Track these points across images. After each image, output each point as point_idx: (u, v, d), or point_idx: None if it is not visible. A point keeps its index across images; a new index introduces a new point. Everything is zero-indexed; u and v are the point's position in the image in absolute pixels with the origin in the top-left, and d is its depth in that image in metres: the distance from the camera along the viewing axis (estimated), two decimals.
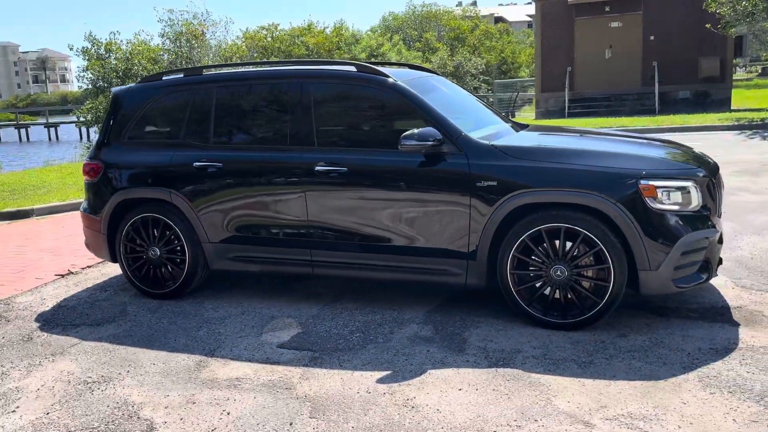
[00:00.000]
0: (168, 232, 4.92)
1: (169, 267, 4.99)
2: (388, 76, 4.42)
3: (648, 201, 3.80)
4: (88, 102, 25.25)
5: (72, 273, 5.96)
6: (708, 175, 4.05)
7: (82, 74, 25.38)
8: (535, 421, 3.02)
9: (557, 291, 4.02)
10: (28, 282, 5.73)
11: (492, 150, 4.12)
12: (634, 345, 3.78)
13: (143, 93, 5.13)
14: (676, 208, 3.86)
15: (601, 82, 21.18)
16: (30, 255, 6.72)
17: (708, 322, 4.05)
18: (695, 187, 3.90)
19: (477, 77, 41.26)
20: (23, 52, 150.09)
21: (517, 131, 4.94)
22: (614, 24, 21.12)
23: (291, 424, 3.11)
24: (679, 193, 3.88)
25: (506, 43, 46.26)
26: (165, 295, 5.02)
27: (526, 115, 25.06)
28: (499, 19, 71.85)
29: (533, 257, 4.03)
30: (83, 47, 24.95)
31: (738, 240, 5.78)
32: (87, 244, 5.40)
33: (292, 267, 4.67)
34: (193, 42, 26.42)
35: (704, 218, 3.95)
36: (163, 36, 26.73)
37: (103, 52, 25.25)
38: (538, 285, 4.06)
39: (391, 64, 5.78)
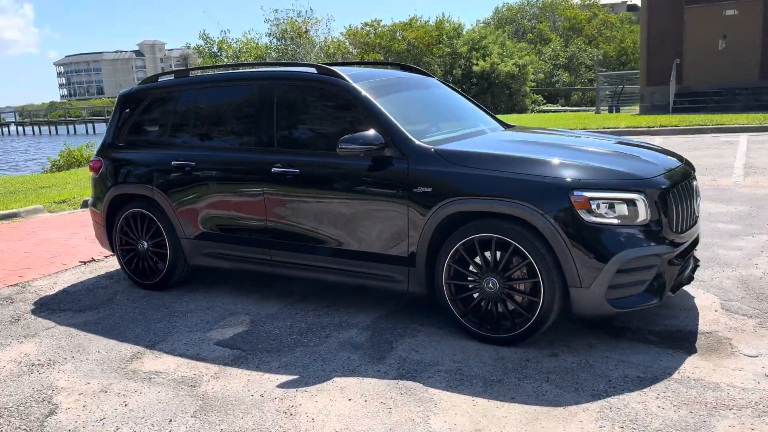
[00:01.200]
0: (153, 227, 5.20)
1: (154, 260, 5.27)
2: (343, 78, 4.39)
3: (580, 213, 3.53)
4: None
5: (94, 260, 6.45)
6: (667, 186, 3.69)
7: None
8: None
9: (490, 303, 3.84)
10: (54, 267, 6.26)
11: (432, 155, 3.99)
12: (559, 366, 3.54)
13: (141, 94, 5.44)
14: (615, 222, 3.56)
15: (712, 75, 19.57)
16: (74, 241, 7.32)
17: (659, 347, 3.70)
18: (642, 200, 3.57)
19: (592, 68, 39.50)
20: (168, 50, 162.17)
21: (495, 132, 4.76)
22: (729, 12, 19.41)
23: (170, 421, 3.21)
24: (623, 206, 3.57)
25: (627, 32, 43.77)
26: (152, 286, 5.32)
27: (633, 109, 23.68)
28: (632, 7, 68.19)
29: (468, 267, 3.87)
30: (197, 45, 26.54)
31: (762, 256, 5.20)
32: (96, 236, 5.82)
33: (256, 266, 4.78)
34: (298, 39, 27.31)
35: (654, 234, 3.61)
36: (270, 35, 27.87)
37: (216, 50, 26.70)
38: (473, 296, 3.89)
39: (381, 63, 5.73)
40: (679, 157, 4.28)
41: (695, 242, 4.12)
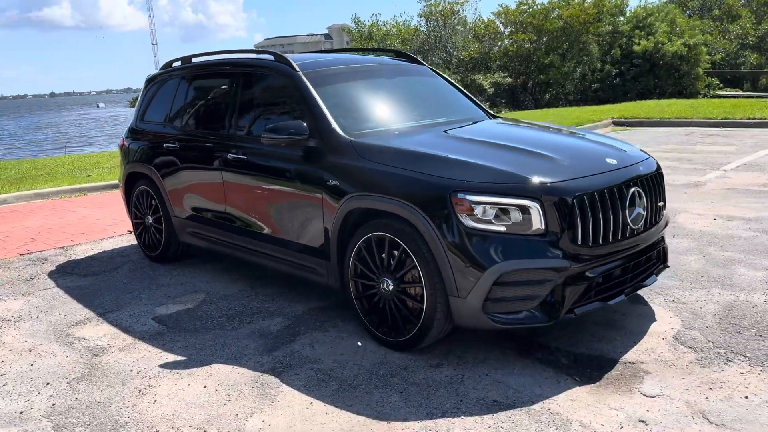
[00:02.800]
0: (154, 204, 5.60)
1: (156, 234, 5.67)
2: (291, 66, 4.38)
3: (461, 217, 3.24)
4: None
5: None
6: (578, 193, 3.24)
7: None
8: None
9: (386, 305, 3.66)
10: (105, 234, 6.95)
11: (348, 148, 3.86)
12: (429, 378, 3.31)
13: (158, 78, 5.83)
14: (501, 229, 3.22)
15: None
16: None
17: (558, 372, 3.31)
18: (537, 208, 3.19)
19: None
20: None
21: (460, 125, 4.47)
22: None
23: (48, 384, 3.49)
24: (517, 213, 3.22)
25: None
26: (155, 258, 5.74)
27: None
28: None
29: (369, 266, 3.72)
30: (349, 29, 27.38)
31: None
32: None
33: (223, 248, 4.96)
34: (445, 20, 27.10)
35: (550, 245, 3.21)
36: (420, 16, 27.93)
37: (367, 33, 27.37)
38: (375, 296, 3.74)
39: (376, 50, 5.58)
40: (631, 159, 3.71)
41: (636, 257, 3.58)
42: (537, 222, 3.20)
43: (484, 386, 3.20)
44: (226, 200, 4.74)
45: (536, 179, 3.27)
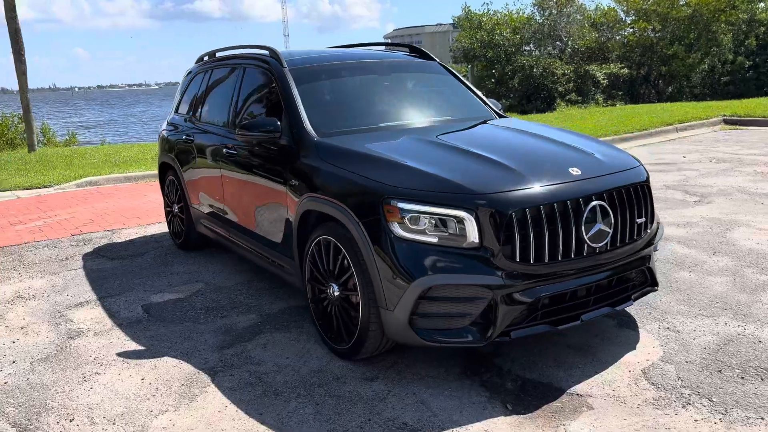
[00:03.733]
0: (178, 193, 5.79)
1: (180, 223, 5.87)
2: (280, 61, 4.34)
3: (391, 225, 3.05)
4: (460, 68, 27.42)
5: None
6: (521, 206, 2.95)
7: (454, 44, 27.54)
8: (113, 424, 2.99)
9: (332, 311, 3.54)
10: (155, 219, 7.28)
11: (312, 147, 3.76)
12: (354, 392, 3.16)
13: (191, 72, 6.01)
14: (433, 240, 3.00)
15: None
16: None
17: (495, 398, 3.05)
18: (471, 220, 2.94)
19: None
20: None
21: (453, 126, 4.23)
22: None
23: (13, 362, 3.71)
24: (453, 223, 2.99)
25: None
26: (179, 246, 5.97)
27: None
28: None
29: (320, 269, 3.61)
30: (458, 19, 26.96)
31: None
32: None
33: (224, 241, 5.04)
34: (560, 8, 25.93)
35: (483, 261, 2.95)
36: (534, 5, 26.90)
37: (477, 23, 26.82)
38: (325, 300, 3.63)
39: (389, 44, 5.38)
40: (602, 169, 3.30)
41: (602, 278, 3.19)
42: (472, 235, 2.95)
43: (404, 406, 3.01)
44: (223, 194, 4.81)
45: (474, 189, 3.01)
